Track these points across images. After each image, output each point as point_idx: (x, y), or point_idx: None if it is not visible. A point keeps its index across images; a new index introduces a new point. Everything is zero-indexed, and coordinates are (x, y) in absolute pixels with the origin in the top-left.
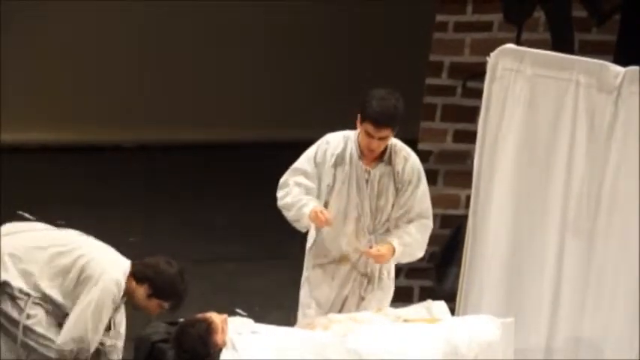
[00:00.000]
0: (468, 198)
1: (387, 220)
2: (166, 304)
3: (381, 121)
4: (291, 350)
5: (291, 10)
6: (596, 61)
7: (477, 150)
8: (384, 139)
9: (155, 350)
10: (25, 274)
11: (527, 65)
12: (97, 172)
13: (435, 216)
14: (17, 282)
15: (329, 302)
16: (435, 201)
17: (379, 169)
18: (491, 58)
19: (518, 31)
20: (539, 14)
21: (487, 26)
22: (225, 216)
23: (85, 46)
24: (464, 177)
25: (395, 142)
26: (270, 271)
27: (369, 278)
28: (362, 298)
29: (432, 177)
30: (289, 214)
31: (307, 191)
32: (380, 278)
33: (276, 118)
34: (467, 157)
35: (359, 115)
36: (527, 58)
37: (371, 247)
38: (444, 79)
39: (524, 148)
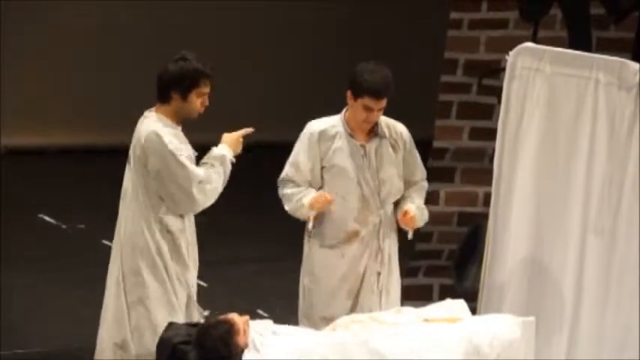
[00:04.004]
0: (486, 195)
1: (397, 192)
2: (203, 86)
3: (380, 92)
4: (313, 351)
5: (298, 9)
6: (615, 58)
7: (496, 149)
8: (381, 109)
9: (177, 352)
10: None
11: (547, 63)
12: (119, 175)
13: (452, 214)
14: None
15: (338, 278)
16: (452, 199)
17: (374, 143)
18: (510, 57)
19: (535, 28)
20: (556, 12)
21: (502, 24)
22: (247, 217)
23: (86, 47)
24: (481, 174)
25: None
26: (291, 273)
27: (381, 252)
28: (378, 274)
29: (448, 175)
30: (289, 206)
31: (302, 184)
32: (390, 254)
33: (294, 118)
34: (483, 154)
35: (349, 92)
36: (546, 57)
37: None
38: (459, 77)
39: (544, 147)
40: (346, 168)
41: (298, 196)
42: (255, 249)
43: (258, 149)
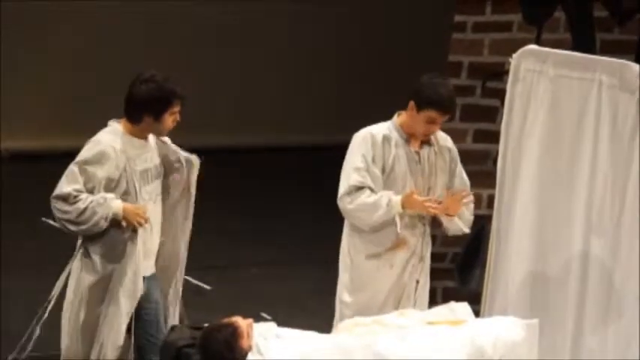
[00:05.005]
0: (490, 198)
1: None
2: (175, 106)
3: (449, 107)
4: (317, 354)
5: (299, 11)
6: (618, 60)
7: (500, 152)
8: (441, 122)
9: (181, 355)
10: None
11: (550, 66)
12: None
13: None
14: None
15: (388, 289)
16: None
17: (426, 150)
18: (514, 59)
19: (538, 31)
20: (560, 14)
21: (506, 26)
22: (250, 221)
23: (86, 50)
24: (485, 177)
25: None
26: (295, 276)
27: (423, 260)
28: (417, 282)
29: None
30: (376, 215)
31: (377, 189)
32: (428, 262)
33: (299, 123)
34: (487, 156)
35: (413, 103)
36: (550, 59)
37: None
38: (463, 79)
39: (547, 149)
40: (403, 174)
41: (385, 200)
42: (258, 252)
43: (262, 152)
